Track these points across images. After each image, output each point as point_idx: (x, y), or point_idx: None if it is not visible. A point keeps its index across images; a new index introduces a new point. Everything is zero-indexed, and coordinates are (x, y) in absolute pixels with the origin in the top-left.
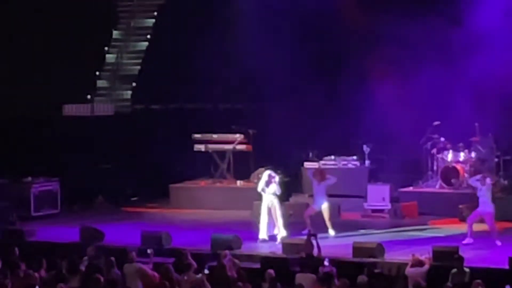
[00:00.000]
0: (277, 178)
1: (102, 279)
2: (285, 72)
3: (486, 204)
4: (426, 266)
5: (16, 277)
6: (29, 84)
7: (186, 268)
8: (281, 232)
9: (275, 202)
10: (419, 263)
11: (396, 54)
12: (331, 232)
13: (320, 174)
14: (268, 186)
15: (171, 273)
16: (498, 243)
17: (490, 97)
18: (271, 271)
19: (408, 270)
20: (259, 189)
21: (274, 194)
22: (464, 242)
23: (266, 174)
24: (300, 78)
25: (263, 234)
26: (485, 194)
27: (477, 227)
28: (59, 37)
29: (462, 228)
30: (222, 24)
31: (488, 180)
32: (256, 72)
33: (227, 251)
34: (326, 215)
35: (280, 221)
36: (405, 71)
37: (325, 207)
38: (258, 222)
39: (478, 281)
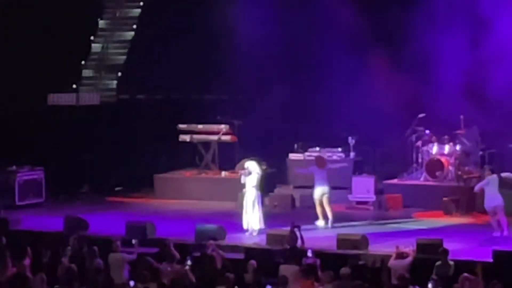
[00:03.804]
0: (252, 169)
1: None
2: (271, 63)
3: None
4: (410, 258)
5: (3, 265)
6: (14, 74)
7: (169, 259)
8: (251, 224)
9: (249, 194)
10: (402, 256)
11: (380, 47)
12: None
13: (322, 160)
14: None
15: (152, 264)
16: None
17: (475, 89)
18: (253, 261)
19: (391, 263)
20: (242, 181)
21: (252, 186)
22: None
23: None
24: (286, 69)
25: (245, 224)
26: (490, 189)
27: (465, 220)
28: (45, 27)
29: (446, 220)
30: (208, 15)
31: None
32: (242, 63)
33: (211, 242)
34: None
35: (255, 214)
36: (389, 62)
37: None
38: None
39: (466, 274)
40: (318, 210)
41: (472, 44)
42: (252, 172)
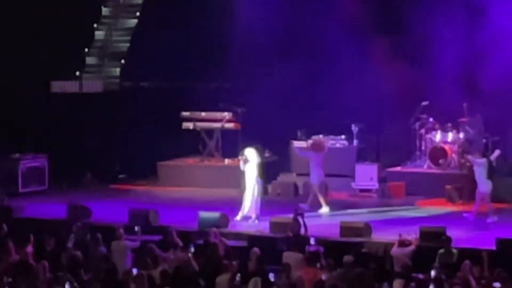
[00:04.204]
0: (250, 157)
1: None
2: (275, 51)
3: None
4: (412, 247)
5: (5, 253)
6: (17, 60)
7: (172, 247)
8: (244, 211)
9: (249, 182)
10: (404, 244)
11: (384, 36)
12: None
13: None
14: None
15: (154, 251)
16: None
17: (479, 78)
18: (256, 249)
19: (394, 251)
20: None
21: (251, 173)
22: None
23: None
24: (290, 57)
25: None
26: (482, 173)
27: (468, 208)
28: (48, 14)
29: (449, 208)
30: (211, 3)
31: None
32: (245, 51)
33: (214, 229)
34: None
35: (248, 201)
36: (394, 51)
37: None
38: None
39: (468, 262)
40: (320, 197)
41: (477, 32)
42: (250, 160)
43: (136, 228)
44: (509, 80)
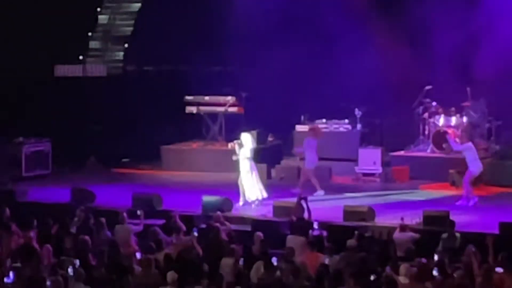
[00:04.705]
0: (245, 142)
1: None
2: (278, 33)
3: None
4: (416, 235)
5: (7, 237)
6: (21, 45)
7: (175, 231)
8: (244, 197)
9: (243, 166)
10: (406, 229)
11: (388, 18)
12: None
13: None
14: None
15: (157, 235)
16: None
17: (483, 62)
18: (259, 233)
19: (396, 235)
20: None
21: (246, 157)
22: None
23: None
24: (293, 40)
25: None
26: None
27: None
28: None
29: (452, 192)
30: None
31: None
32: (248, 33)
33: (219, 213)
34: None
35: (253, 184)
36: (397, 34)
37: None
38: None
39: (471, 247)
40: (314, 180)
41: (481, 16)
42: (244, 144)
43: (139, 212)
44: None
